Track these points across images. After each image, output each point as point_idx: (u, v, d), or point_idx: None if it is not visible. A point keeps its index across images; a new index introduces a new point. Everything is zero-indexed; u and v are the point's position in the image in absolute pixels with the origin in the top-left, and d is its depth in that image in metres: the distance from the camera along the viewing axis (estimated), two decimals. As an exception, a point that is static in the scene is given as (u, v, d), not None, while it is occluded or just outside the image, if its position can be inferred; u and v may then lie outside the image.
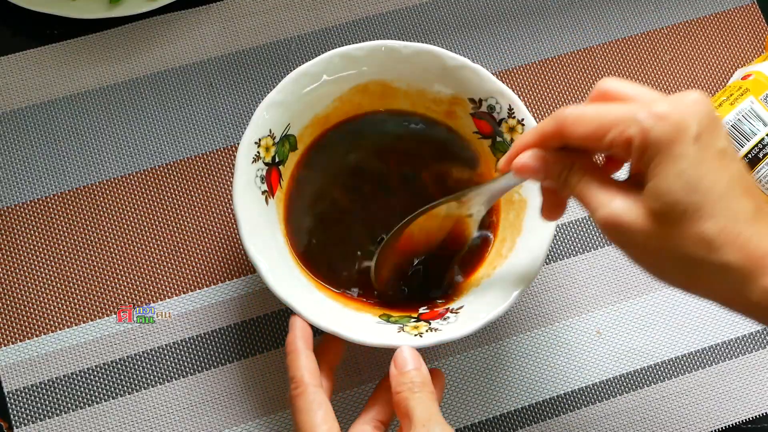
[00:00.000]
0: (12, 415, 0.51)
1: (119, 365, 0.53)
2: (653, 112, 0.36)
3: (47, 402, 0.52)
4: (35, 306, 0.53)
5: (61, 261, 0.54)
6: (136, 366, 0.53)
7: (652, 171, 0.36)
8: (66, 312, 0.53)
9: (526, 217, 0.50)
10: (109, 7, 0.56)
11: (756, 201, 0.37)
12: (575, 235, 0.57)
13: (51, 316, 0.53)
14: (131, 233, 0.55)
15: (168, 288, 0.54)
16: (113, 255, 0.54)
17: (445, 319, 0.48)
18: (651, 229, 0.37)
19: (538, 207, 0.45)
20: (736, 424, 0.54)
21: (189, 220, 0.55)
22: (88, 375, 0.52)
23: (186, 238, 0.55)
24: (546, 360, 0.54)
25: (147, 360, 0.53)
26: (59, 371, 0.52)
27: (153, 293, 0.54)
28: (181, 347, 0.53)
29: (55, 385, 0.52)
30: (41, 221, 0.55)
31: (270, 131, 0.49)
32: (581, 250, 0.57)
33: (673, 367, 0.55)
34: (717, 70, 0.61)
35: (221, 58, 0.58)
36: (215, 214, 0.56)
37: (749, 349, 0.56)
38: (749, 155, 0.54)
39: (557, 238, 0.57)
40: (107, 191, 0.56)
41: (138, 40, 0.58)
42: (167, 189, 0.56)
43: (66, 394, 0.52)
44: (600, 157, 0.44)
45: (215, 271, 0.55)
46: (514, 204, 0.51)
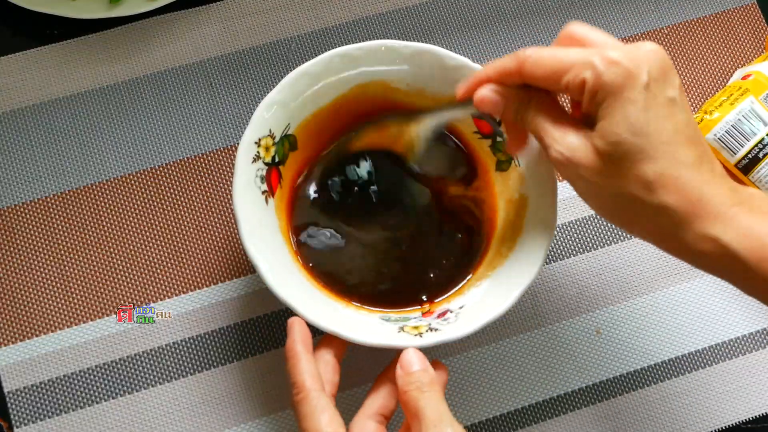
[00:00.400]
0: (12, 415, 0.51)
1: (119, 365, 0.53)
2: (607, 57, 0.38)
3: (47, 402, 0.52)
4: (35, 306, 0.53)
5: (61, 261, 0.54)
6: (136, 366, 0.53)
7: (601, 113, 0.38)
8: (66, 312, 0.53)
9: (526, 217, 0.50)
10: (109, 7, 0.56)
11: (699, 150, 0.38)
12: (575, 235, 0.57)
13: (51, 316, 0.53)
14: (131, 233, 0.55)
15: (168, 288, 0.54)
16: (113, 255, 0.54)
17: (445, 319, 0.48)
18: (598, 167, 0.39)
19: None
20: (736, 424, 0.54)
21: (189, 220, 0.55)
22: (88, 375, 0.52)
23: (186, 238, 0.55)
24: (546, 360, 0.54)
25: (147, 360, 0.53)
26: (59, 371, 0.52)
27: (153, 293, 0.54)
28: (181, 347, 0.53)
29: (55, 385, 0.52)
30: (41, 221, 0.55)
31: (270, 131, 0.49)
32: (581, 250, 0.56)
33: (673, 367, 0.55)
34: (717, 70, 0.61)
35: (221, 58, 0.58)
36: (215, 214, 0.56)
37: (749, 349, 0.56)
38: (749, 155, 0.54)
39: (557, 238, 0.57)
40: (107, 191, 0.56)
41: (138, 40, 0.58)
42: (167, 189, 0.56)
43: (66, 394, 0.52)
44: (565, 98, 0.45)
45: (215, 271, 0.55)
46: (514, 204, 0.51)
